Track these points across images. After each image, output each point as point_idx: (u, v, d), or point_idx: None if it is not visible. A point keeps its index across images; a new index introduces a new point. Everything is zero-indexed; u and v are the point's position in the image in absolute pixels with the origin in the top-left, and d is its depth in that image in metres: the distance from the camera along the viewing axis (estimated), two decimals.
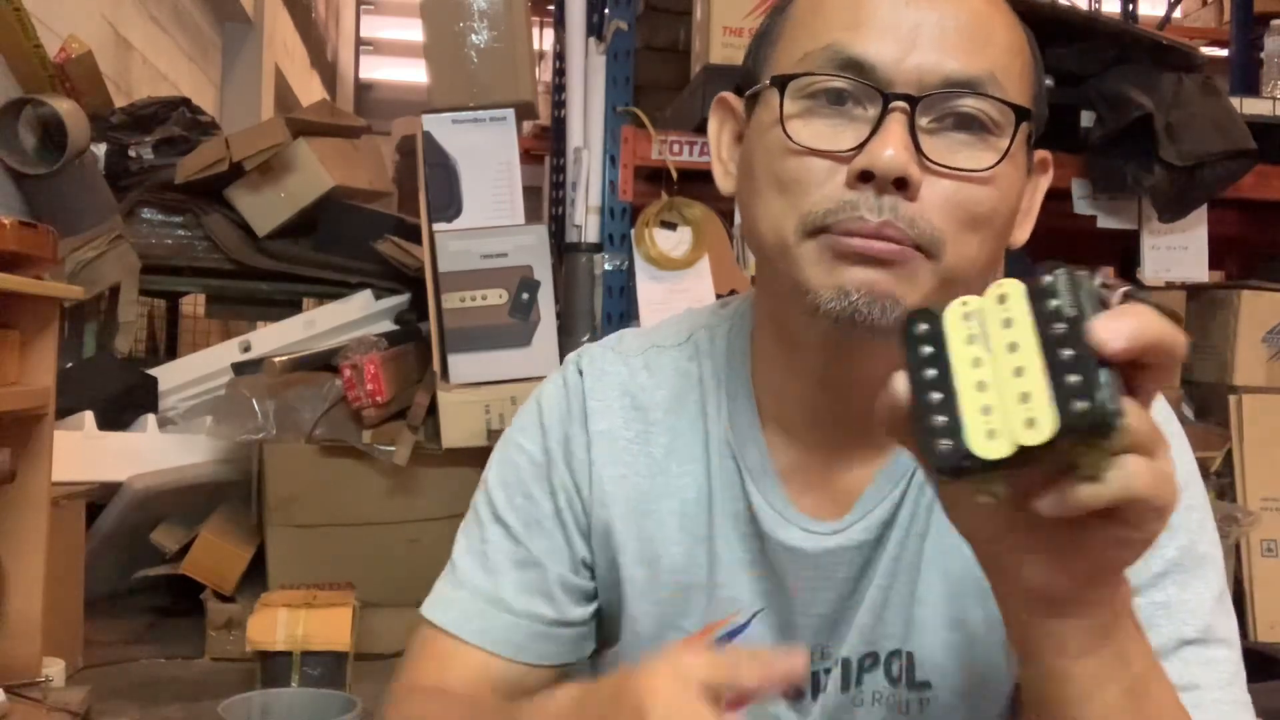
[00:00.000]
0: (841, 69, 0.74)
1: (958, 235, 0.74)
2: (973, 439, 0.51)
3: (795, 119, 0.75)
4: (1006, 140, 0.74)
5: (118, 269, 3.11)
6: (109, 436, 2.91)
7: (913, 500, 0.83)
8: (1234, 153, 2.74)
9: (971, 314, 0.53)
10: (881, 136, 0.72)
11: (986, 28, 0.75)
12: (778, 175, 0.75)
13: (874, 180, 0.72)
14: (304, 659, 2.36)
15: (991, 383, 0.52)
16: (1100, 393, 0.49)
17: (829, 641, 0.84)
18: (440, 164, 2.86)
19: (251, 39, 6.99)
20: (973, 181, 0.74)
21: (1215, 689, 0.74)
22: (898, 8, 0.74)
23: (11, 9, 2.92)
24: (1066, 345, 0.50)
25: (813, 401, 0.83)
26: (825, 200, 0.73)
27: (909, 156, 0.71)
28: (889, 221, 0.72)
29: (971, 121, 0.74)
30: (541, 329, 2.84)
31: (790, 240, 0.75)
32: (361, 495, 2.85)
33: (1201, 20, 6.12)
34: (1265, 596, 2.89)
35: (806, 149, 0.74)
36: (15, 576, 2.06)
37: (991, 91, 0.74)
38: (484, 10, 2.90)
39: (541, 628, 0.89)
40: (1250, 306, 3.07)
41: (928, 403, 0.52)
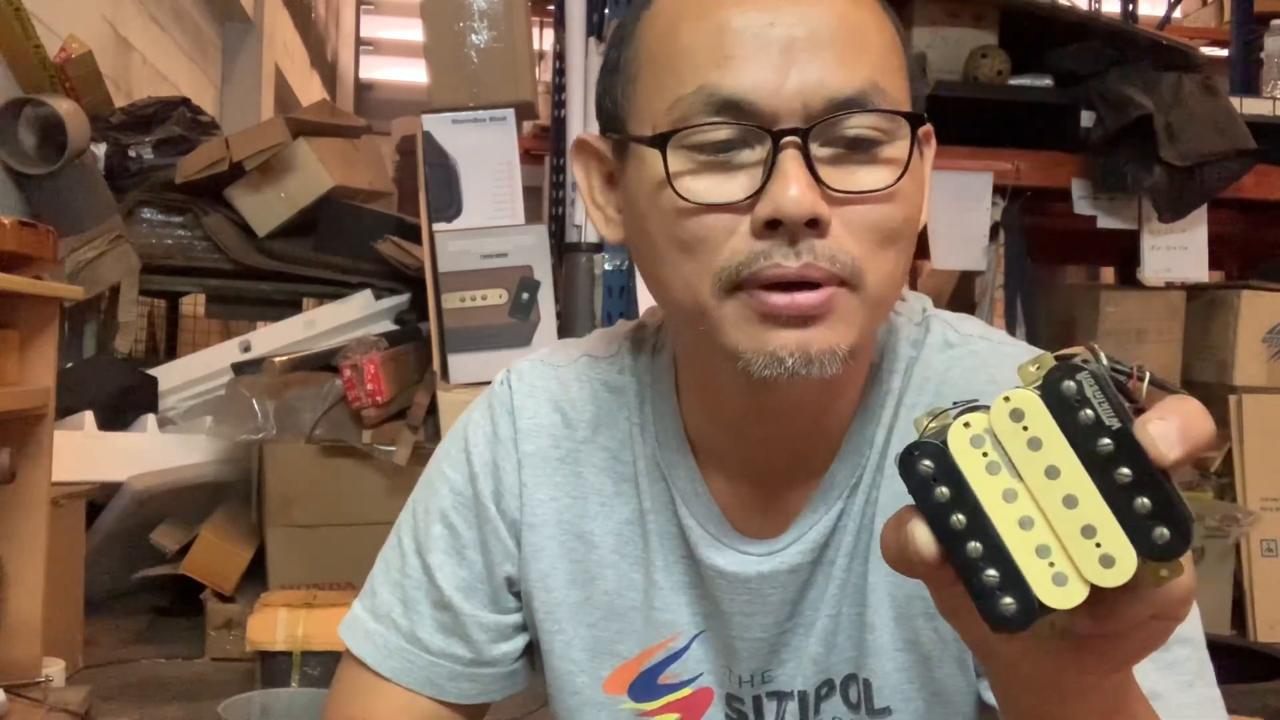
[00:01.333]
0: (719, 113, 0.68)
1: (875, 258, 0.70)
2: (1040, 589, 0.45)
3: (684, 176, 0.70)
4: (901, 145, 0.70)
5: (118, 269, 3.11)
6: (109, 436, 2.91)
7: (854, 520, 0.80)
8: (1234, 153, 2.74)
9: (981, 437, 0.46)
10: (780, 179, 0.67)
11: (859, 29, 0.71)
12: (678, 237, 0.70)
13: (782, 227, 0.67)
14: (304, 659, 2.36)
15: (1038, 519, 0.45)
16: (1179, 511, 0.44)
17: (769, 666, 0.82)
18: (440, 164, 2.86)
19: (251, 39, 6.99)
20: (879, 200, 0.70)
21: (1177, 694, 0.71)
22: (763, 28, 0.68)
23: (11, 9, 2.92)
24: (1119, 464, 0.44)
25: (739, 431, 0.79)
26: (735, 255, 0.68)
27: (814, 194, 0.67)
28: (809, 263, 0.67)
29: (864, 141, 0.70)
30: (541, 329, 2.84)
31: (709, 303, 0.70)
32: (361, 495, 2.85)
33: (1201, 20, 6.12)
34: (1265, 596, 2.89)
35: (703, 206, 0.69)
36: (15, 576, 2.06)
37: (878, 102, 0.69)
38: (484, 10, 2.90)
39: (460, 668, 0.87)
40: (1250, 306, 3.07)
41: (968, 558, 0.45)
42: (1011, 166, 2.82)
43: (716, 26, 0.69)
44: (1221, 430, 3.02)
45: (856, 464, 0.79)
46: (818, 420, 0.78)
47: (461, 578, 0.87)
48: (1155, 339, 3.11)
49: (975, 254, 2.85)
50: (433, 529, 0.88)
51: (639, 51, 0.74)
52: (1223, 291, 3.17)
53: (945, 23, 2.84)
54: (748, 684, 0.82)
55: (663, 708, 0.84)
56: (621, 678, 0.84)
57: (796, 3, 0.69)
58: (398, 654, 0.88)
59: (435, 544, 0.87)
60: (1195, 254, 2.92)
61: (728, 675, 0.82)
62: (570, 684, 0.85)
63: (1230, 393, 3.04)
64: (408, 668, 0.87)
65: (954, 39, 2.84)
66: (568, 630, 0.85)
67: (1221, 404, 3.04)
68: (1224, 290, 3.18)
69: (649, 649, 0.83)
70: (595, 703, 0.85)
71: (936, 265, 3.05)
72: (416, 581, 0.88)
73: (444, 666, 0.87)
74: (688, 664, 0.83)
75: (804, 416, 0.77)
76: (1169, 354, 3.12)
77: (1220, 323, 3.12)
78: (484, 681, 0.88)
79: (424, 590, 0.88)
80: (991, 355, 0.80)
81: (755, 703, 0.82)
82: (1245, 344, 3.07)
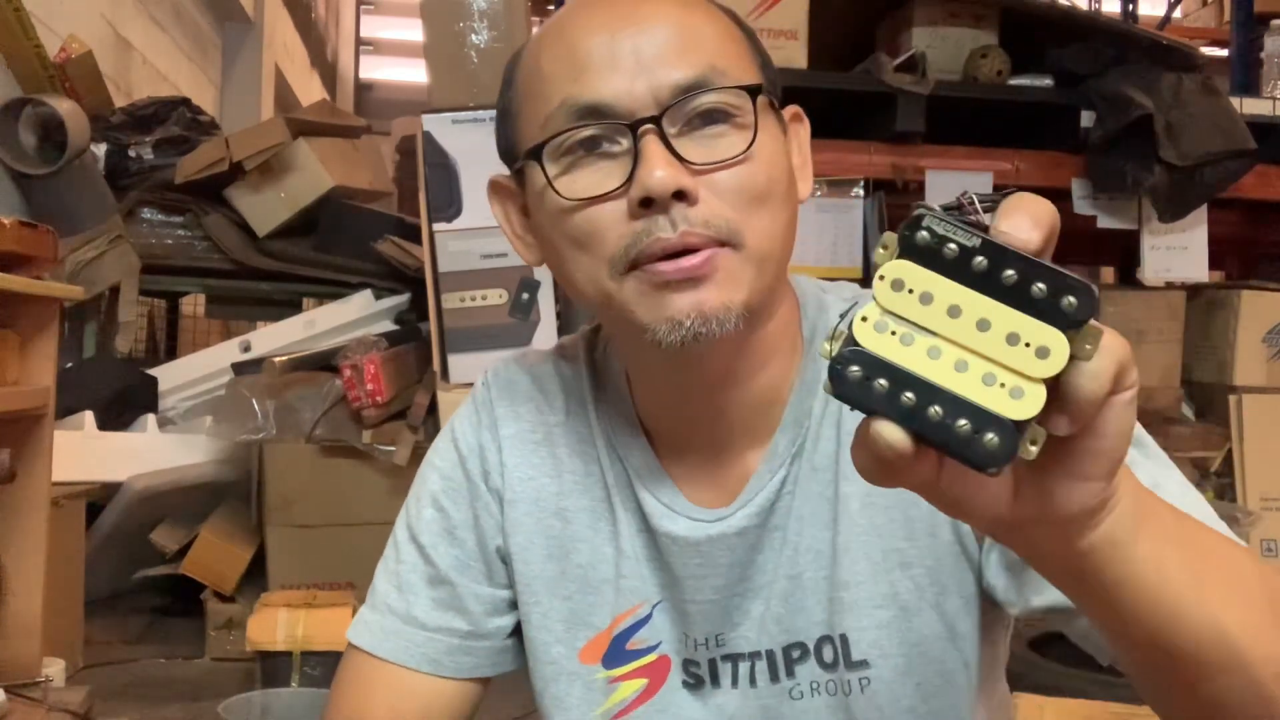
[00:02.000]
0: (582, 118, 0.78)
1: (749, 218, 0.78)
2: (1006, 409, 0.47)
3: (561, 179, 0.79)
4: (750, 118, 0.78)
5: (118, 269, 3.11)
6: (109, 436, 2.91)
7: (801, 486, 0.85)
8: (1234, 153, 2.74)
9: (882, 321, 0.48)
10: (645, 162, 0.75)
11: (691, 30, 0.80)
12: (570, 235, 0.79)
13: (655, 203, 0.75)
14: (304, 659, 2.36)
15: (968, 357, 0.47)
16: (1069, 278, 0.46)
17: (723, 629, 0.87)
18: (440, 164, 2.86)
19: (251, 39, 6.99)
20: (739, 165, 0.78)
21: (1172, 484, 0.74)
22: (609, 45, 0.78)
23: (11, 9, 2.92)
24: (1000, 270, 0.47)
25: (679, 408, 0.87)
26: (621, 238, 0.77)
27: (677, 169, 0.75)
28: (686, 231, 0.75)
29: (714, 114, 0.78)
30: (541, 329, 2.84)
31: (609, 287, 0.78)
32: (361, 495, 2.85)
33: (1201, 20, 6.12)
34: None
35: (584, 201, 0.78)
36: (15, 576, 2.06)
37: (719, 82, 0.78)
38: (484, 10, 2.90)
39: (456, 641, 0.93)
40: (1250, 306, 3.07)
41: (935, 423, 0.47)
42: (1011, 166, 2.82)
43: (569, 50, 0.79)
44: (1221, 430, 3.02)
45: (797, 433, 0.86)
46: (748, 389, 0.85)
47: (455, 556, 0.93)
48: (1155, 339, 3.11)
49: None
50: (425, 514, 0.95)
51: (516, 92, 0.84)
52: (1223, 291, 3.17)
53: (945, 23, 2.84)
54: (703, 647, 0.87)
55: (631, 672, 0.89)
56: (595, 648, 0.90)
57: (633, 20, 0.79)
58: (394, 635, 0.93)
59: (428, 527, 0.94)
60: (1195, 254, 2.92)
61: (684, 641, 0.88)
62: (547, 654, 0.91)
63: (1230, 393, 3.04)
64: (405, 646, 0.93)
65: (954, 39, 2.84)
66: (544, 602, 0.91)
67: (1221, 404, 3.04)
68: (1224, 290, 3.18)
69: (618, 616, 0.89)
70: (570, 672, 0.90)
71: None
72: (411, 565, 0.94)
73: (440, 641, 0.93)
74: (649, 632, 0.89)
75: (730, 384, 0.84)
76: (1169, 354, 3.12)
77: (1220, 323, 3.12)
78: (480, 655, 0.94)
79: (419, 572, 0.94)
80: None
81: (711, 666, 0.88)
82: (1245, 344, 3.07)
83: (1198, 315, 3.16)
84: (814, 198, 2.70)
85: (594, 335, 0.96)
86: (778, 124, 0.83)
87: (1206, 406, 3.15)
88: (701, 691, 0.88)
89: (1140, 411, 0.53)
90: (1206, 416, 3.13)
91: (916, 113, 2.67)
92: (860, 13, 3.01)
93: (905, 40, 2.84)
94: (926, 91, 2.67)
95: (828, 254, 2.69)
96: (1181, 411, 3.14)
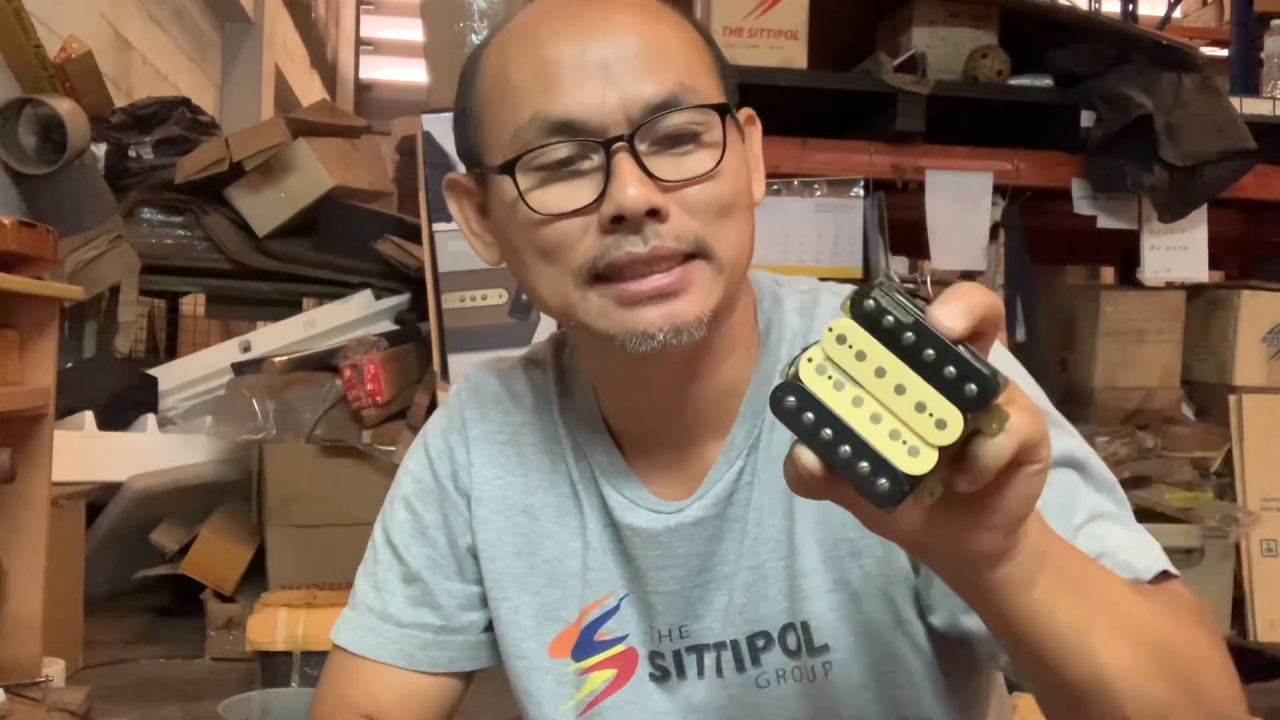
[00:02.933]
0: (554, 134, 0.79)
1: (717, 230, 0.80)
2: (901, 465, 0.54)
3: (533, 193, 0.80)
4: (719, 134, 0.81)
5: (118, 269, 3.11)
6: (109, 436, 2.91)
7: (758, 477, 0.87)
8: (1234, 153, 2.74)
9: (824, 365, 0.56)
10: (618, 180, 0.77)
11: (660, 43, 0.81)
12: (538, 246, 0.81)
13: (626, 221, 0.77)
14: (304, 659, 2.36)
15: (883, 412, 0.55)
16: (976, 367, 0.54)
17: (686, 620, 0.89)
18: (440, 164, 2.86)
19: (251, 39, 6.99)
20: (708, 181, 0.80)
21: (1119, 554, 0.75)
22: (577, 55, 0.79)
23: (11, 9, 2.92)
24: (924, 348, 0.55)
25: (641, 405, 0.89)
26: (589, 250, 0.79)
27: (649, 187, 0.77)
28: (657, 245, 0.78)
29: (683, 135, 0.80)
30: (541, 329, 2.84)
31: (573, 297, 0.81)
32: (361, 495, 2.84)
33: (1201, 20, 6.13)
34: (1265, 596, 2.89)
35: (554, 216, 0.79)
36: (15, 576, 2.06)
37: (688, 100, 0.80)
38: (484, 10, 2.90)
39: (430, 636, 0.96)
40: (1250, 306, 3.07)
41: (843, 460, 0.55)
42: (1011, 166, 2.82)
43: (539, 60, 0.80)
44: (1222, 430, 3.02)
45: (754, 425, 0.88)
46: (704, 383, 0.87)
47: (427, 555, 0.96)
48: (1155, 339, 3.11)
49: (975, 254, 2.85)
50: (398, 515, 0.98)
51: (479, 96, 0.85)
52: (1223, 291, 3.16)
53: (945, 23, 2.84)
54: (667, 639, 0.89)
55: (600, 663, 0.91)
56: (565, 641, 0.92)
57: (602, 30, 0.80)
58: (371, 632, 0.96)
59: (401, 528, 0.98)
60: (1195, 254, 2.92)
61: (649, 633, 0.90)
62: (518, 649, 0.93)
63: (1230, 393, 3.03)
64: (382, 643, 0.96)
65: (954, 39, 2.83)
66: (513, 598, 0.93)
67: (1221, 404, 3.04)
68: (1224, 290, 3.18)
69: (586, 608, 0.91)
70: (541, 667, 0.92)
71: (936, 265, 3.05)
72: (387, 565, 0.98)
73: (415, 636, 0.96)
74: (617, 624, 0.91)
75: (691, 380, 0.86)
76: (1169, 354, 3.12)
77: (1220, 323, 3.12)
78: (454, 649, 0.96)
79: (394, 571, 0.97)
80: None
81: (675, 657, 0.90)
82: (1245, 344, 3.07)
83: (1198, 315, 3.16)
84: (814, 197, 2.70)
85: (562, 340, 0.98)
86: (738, 134, 0.85)
87: (1206, 406, 3.15)
88: (668, 684, 0.90)
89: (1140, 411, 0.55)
90: (1206, 416, 3.12)
91: (916, 113, 2.67)
92: (860, 13, 3.00)
93: (905, 40, 2.84)
94: (926, 91, 2.67)
95: (828, 254, 2.69)
96: (1181, 411, 3.14)
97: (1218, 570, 2.81)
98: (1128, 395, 3.07)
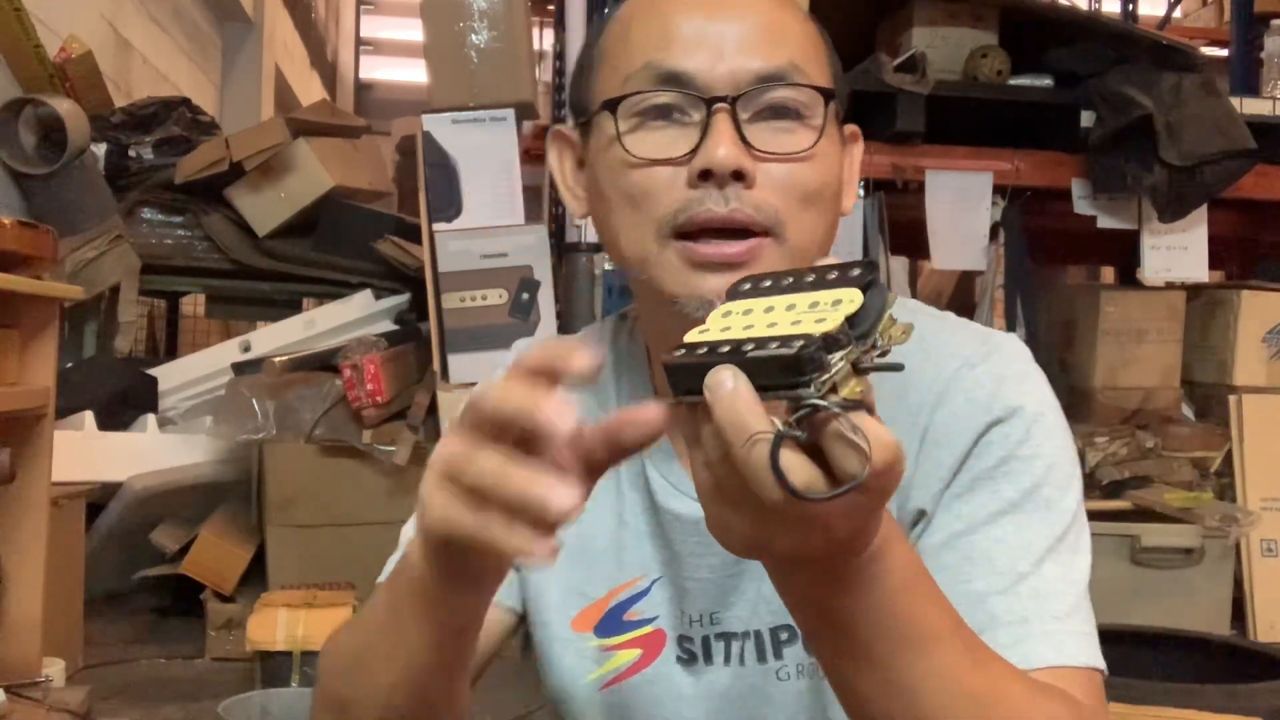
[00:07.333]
0: (663, 83, 0.82)
1: (796, 213, 0.81)
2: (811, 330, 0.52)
3: (630, 135, 0.82)
4: (819, 120, 0.83)
5: (118, 269, 3.11)
6: (109, 436, 2.91)
7: None
8: (1234, 153, 2.74)
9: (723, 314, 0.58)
10: (713, 136, 0.79)
11: (780, 27, 0.83)
12: (625, 190, 0.83)
13: (714, 177, 0.79)
14: (304, 659, 2.36)
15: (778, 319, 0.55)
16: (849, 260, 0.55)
17: (718, 608, 0.89)
18: (440, 164, 2.86)
19: (251, 39, 6.99)
20: (799, 161, 0.81)
21: (1047, 620, 0.76)
22: (701, 24, 0.82)
23: (11, 9, 2.92)
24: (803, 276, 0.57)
25: None
26: (673, 202, 0.80)
27: (740, 150, 0.79)
28: (736, 208, 0.79)
29: (785, 109, 0.82)
30: (541, 329, 2.84)
31: (651, 249, 0.82)
32: (361, 495, 2.85)
33: (1201, 20, 6.12)
34: (1265, 596, 2.89)
35: (647, 160, 0.81)
36: (15, 576, 2.06)
37: (797, 79, 0.82)
38: (484, 10, 2.90)
39: None
40: (1250, 306, 3.07)
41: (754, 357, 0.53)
42: (1011, 166, 2.82)
43: (662, 24, 0.83)
44: (1221, 430, 3.02)
45: None
46: None
47: None
48: (1155, 339, 3.11)
49: (975, 254, 2.85)
50: None
51: (599, 48, 0.88)
52: (1223, 291, 3.16)
53: (945, 23, 2.84)
54: (697, 624, 0.89)
55: (625, 643, 0.91)
56: (588, 617, 0.92)
57: (728, 6, 0.83)
58: None
59: None
60: (1195, 254, 2.92)
61: (680, 617, 0.90)
62: (540, 616, 0.93)
63: (1230, 393, 3.03)
64: None
65: (954, 39, 2.83)
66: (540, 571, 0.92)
67: (1221, 404, 3.04)
68: (1224, 290, 3.18)
69: (615, 588, 0.91)
70: (562, 638, 0.92)
71: (937, 265, 3.05)
72: None
73: None
74: (647, 606, 0.91)
75: None
76: (1169, 354, 3.12)
77: (1220, 323, 3.12)
78: None
79: None
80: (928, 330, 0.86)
81: (704, 643, 0.89)
82: (1245, 344, 3.07)
83: (1198, 315, 3.16)
84: None
85: (620, 321, 0.99)
86: (839, 134, 0.87)
87: (1206, 406, 3.15)
88: (694, 667, 0.90)
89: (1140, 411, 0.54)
90: (1206, 416, 3.12)
91: (916, 113, 2.67)
92: (860, 13, 3.00)
93: (905, 40, 2.84)
94: (926, 91, 2.67)
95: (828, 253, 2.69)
96: (1181, 411, 3.14)
97: (1218, 570, 2.81)
98: (1128, 395, 3.07)
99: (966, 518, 0.80)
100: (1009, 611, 0.76)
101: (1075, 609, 0.78)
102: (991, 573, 0.78)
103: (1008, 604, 0.77)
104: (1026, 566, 0.78)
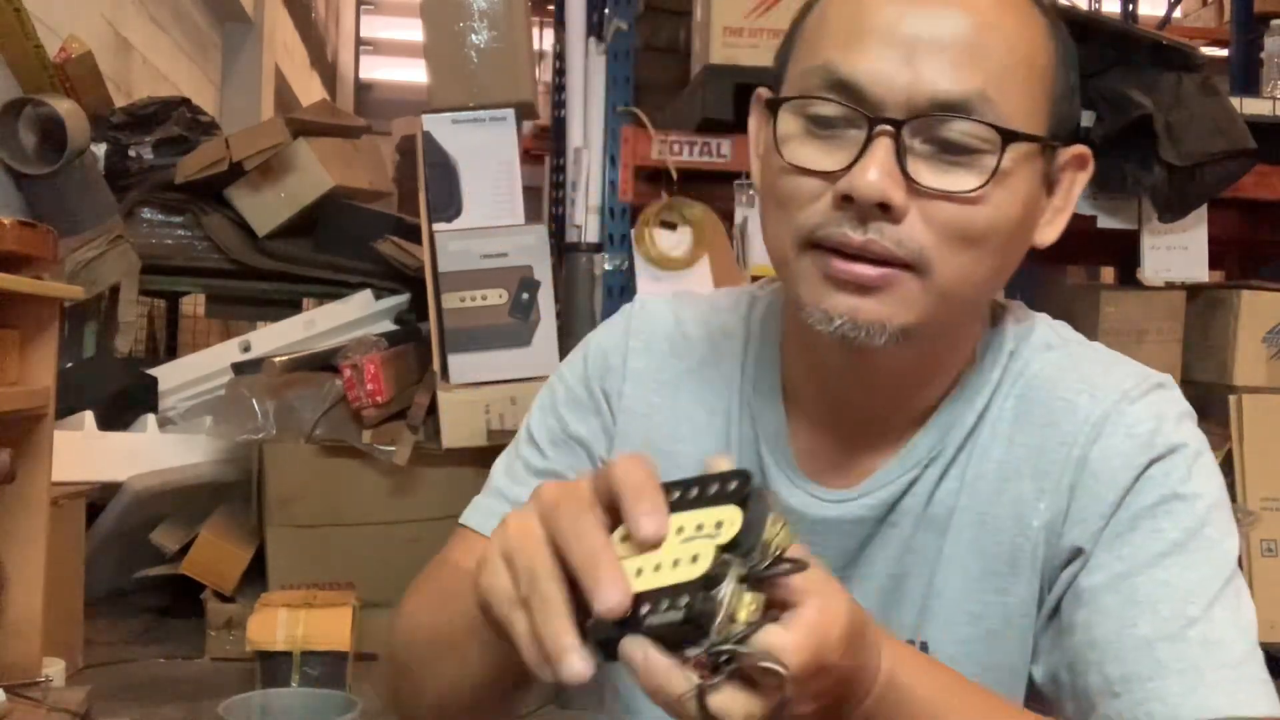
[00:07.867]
0: (832, 90, 0.76)
1: (949, 252, 0.75)
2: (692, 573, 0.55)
3: (792, 139, 0.78)
4: (994, 160, 0.74)
5: (118, 269, 3.11)
6: (109, 436, 2.91)
7: (926, 490, 0.84)
8: (1234, 153, 2.74)
9: None
10: (864, 161, 0.73)
11: (985, 38, 0.75)
12: (776, 193, 0.79)
13: (855, 204, 0.74)
14: (304, 659, 2.36)
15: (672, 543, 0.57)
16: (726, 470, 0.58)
17: None
18: (440, 164, 2.86)
19: (251, 39, 6.99)
20: (963, 202, 0.75)
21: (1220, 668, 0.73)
22: (898, 19, 0.75)
23: (11, 9, 2.91)
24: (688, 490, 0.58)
25: (829, 391, 0.86)
26: (814, 215, 0.76)
27: (891, 181, 0.73)
28: (873, 240, 0.74)
29: (959, 145, 0.74)
30: (541, 329, 2.83)
31: (789, 254, 0.79)
32: (361, 495, 2.85)
33: (1201, 20, 6.12)
34: (1265, 596, 2.89)
35: (798, 169, 0.77)
36: (15, 576, 2.06)
37: (980, 111, 0.74)
38: (484, 10, 2.90)
39: None
40: (1250, 306, 3.07)
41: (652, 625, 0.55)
42: None
43: (855, 11, 0.77)
44: (1222, 430, 3.01)
45: (940, 439, 0.85)
46: (903, 392, 0.84)
47: (566, 459, 0.94)
48: (1155, 339, 3.11)
49: None
50: (546, 420, 0.96)
51: (803, 25, 0.83)
52: (1223, 291, 3.16)
53: None
54: None
55: None
56: None
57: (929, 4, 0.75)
58: (498, 515, 0.91)
59: (546, 432, 0.95)
60: (1195, 254, 2.92)
61: None
62: None
63: (1230, 393, 3.03)
64: None
65: None
66: None
67: (1221, 404, 3.04)
68: (1224, 290, 3.17)
69: None
70: None
71: None
72: (525, 460, 0.95)
73: None
74: None
75: (889, 385, 0.84)
76: (1169, 354, 3.12)
77: (1220, 323, 3.12)
78: None
79: (531, 466, 0.94)
80: (1083, 358, 0.86)
81: None
82: (1245, 344, 3.06)
83: (1198, 315, 3.16)
84: None
85: (758, 293, 0.96)
86: (1034, 172, 0.78)
87: (1206, 406, 3.15)
88: None
89: None
90: (1206, 416, 3.12)
91: None
92: None
93: None
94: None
95: None
96: None
97: None
98: None
99: (1128, 559, 0.77)
100: (1179, 659, 0.73)
101: (1249, 656, 0.75)
102: (1157, 618, 0.75)
103: (1177, 651, 0.74)
104: (1196, 611, 0.75)
